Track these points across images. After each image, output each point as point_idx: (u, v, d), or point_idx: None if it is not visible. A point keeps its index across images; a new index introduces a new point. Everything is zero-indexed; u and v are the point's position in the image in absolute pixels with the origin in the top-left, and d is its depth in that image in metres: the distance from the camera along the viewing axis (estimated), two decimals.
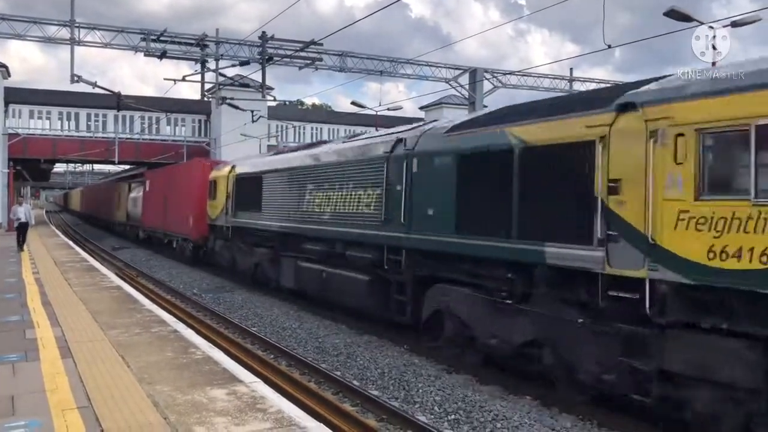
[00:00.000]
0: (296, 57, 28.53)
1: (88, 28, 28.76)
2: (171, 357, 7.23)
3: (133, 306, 10.89)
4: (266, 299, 17.60)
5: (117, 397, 5.69)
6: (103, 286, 13.32)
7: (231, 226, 20.72)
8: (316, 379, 9.95)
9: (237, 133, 38.21)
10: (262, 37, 25.88)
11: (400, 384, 9.65)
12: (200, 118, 50.52)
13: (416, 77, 36.45)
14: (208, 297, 18.36)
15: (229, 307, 16.87)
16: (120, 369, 6.68)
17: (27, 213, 22.96)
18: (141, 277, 23.02)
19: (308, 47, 25.47)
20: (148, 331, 8.76)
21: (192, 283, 21.29)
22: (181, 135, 49.60)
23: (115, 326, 8.97)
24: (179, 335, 8.49)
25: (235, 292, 19.02)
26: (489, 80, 34.33)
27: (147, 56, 27.77)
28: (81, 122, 48.38)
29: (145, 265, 26.80)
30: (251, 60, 26.44)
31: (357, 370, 10.52)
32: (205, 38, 27.33)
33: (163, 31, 27.41)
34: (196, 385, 6.09)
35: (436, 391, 9.17)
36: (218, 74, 26.64)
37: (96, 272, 16.26)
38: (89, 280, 14.34)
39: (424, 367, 10.51)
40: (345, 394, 9.19)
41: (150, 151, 46.96)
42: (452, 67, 36.38)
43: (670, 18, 16.14)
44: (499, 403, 8.58)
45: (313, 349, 12.11)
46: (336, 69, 32.18)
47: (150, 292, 18.48)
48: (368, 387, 9.57)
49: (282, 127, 50.95)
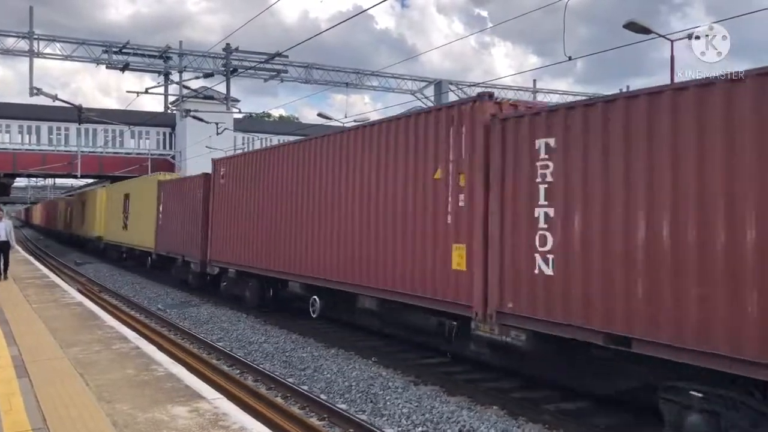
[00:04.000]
0: (261, 69, 28.43)
1: (47, 39, 28.32)
2: (132, 374, 7.07)
3: (94, 322, 10.64)
4: (233, 313, 17.38)
5: (74, 417, 5.54)
6: (63, 303, 13.01)
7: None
8: (283, 394, 9.84)
9: (202, 145, 37.90)
10: (227, 48, 25.74)
11: (367, 397, 9.59)
12: (165, 130, 50.03)
13: (382, 89, 36.66)
14: (173, 312, 18.09)
15: (195, 322, 16.64)
16: (79, 388, 6.51)
17: (7, 230, 17.52)
18: (105, 292, 22.58)
19: (273, 59, 25.39)
20: (108, 348, 8.56)
21: (157, 298, 20.96)
22: (146, 148, 49.02)
23: (75, 344, 8.75)
24: (141, 352, 8.32)
25: (201, 307, 18.76)
26: (454, 92, 34.57)
27: (109, 68, 27.43)
28: (42, 136, 47.56)
29: (109, 280, 26.33)
30: (215, 72, 26.27)
31: (324, 384, 10.43)
32: (169, 50, 27.10)
33: (126, 43, 27.11)
34: (157, 402, 5.96)
35: (404, 403, 9.13)
36: (182, 86, 26.39)
37: (57, 288, 15.88)
38: (49, 296, 13.99)
39: (392, 378, 10.46)
40: (312, 408, 9.10)
41: (113, 165, 46.33)
42: (418, 78, 36.61)
43: (629, 30, 16.46)
44: (466, 413, 8.56)
45: (280, 363, 11.98)
46: (301, 81, 32.16)
47: (113, 308, 18.13)
48: (336, 400, 9.49)
49: (248, 139, 50.68)
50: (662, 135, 6.77)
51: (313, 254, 13.34)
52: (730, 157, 6.20)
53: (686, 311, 6.48)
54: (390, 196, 11.00)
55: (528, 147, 8.33)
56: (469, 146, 9.29)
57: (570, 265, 7.70)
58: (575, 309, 7.57)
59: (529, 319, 8.19)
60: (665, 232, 6.70)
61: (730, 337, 6.09)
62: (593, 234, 7.44)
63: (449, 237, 9.53)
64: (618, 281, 7.12)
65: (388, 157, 11.15)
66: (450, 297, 9.47)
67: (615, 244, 7.19)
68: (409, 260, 10.37)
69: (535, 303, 8.10)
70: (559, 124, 7.96)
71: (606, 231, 7.30)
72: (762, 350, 5.88)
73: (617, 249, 7.17)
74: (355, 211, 11.95)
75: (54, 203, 65.38)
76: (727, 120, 6.25)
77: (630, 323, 6.97)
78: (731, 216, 6.17)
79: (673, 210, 6.65)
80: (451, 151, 9.61)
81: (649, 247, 6.85)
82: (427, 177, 10.12)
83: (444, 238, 9.62)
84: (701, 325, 6.31)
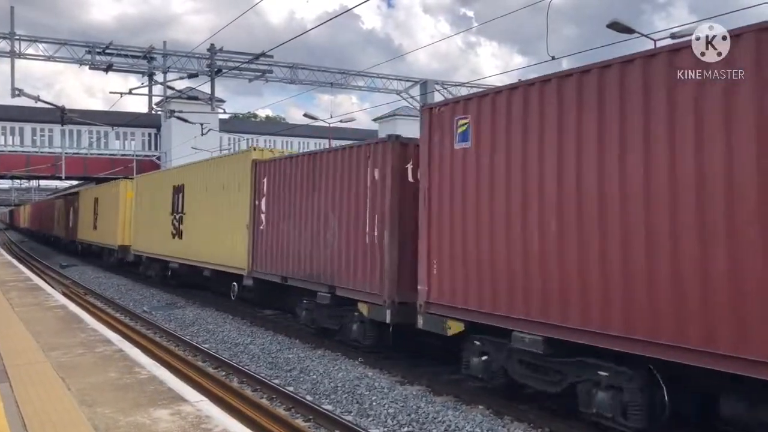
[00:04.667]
0: (246, 69, 28.30)
1: (29, 40, 28.03)
2: (114, 377, 7.00)
3: (77, 325, 10.54)
4: (218, 315, 17.31)
5: (55, 422, 5.47)
6: (47, 306, 12.87)
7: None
8: (269, 396, 9.80)
9: (189, 146, 37.73)
10: (211, 49, 25.59)
11: (353, 397, 9.58)
12: (150, 131, 49.78)
13: (367, 89, 36.57)
14: (158, 314, 17.98)
15: (180, 324, 16.55)
16: (60, 392, 6.43)
17: None
18: (90, 295, 22.42)
19: (258, 59, 25.28)
20: (92, 351, 8.47)
21: (142, 300, 20.84)
22: (131, 149, 48.72)
23: (58, 347, 8.65)
24: (124, 355, 8.24)
25: (186, 309, 18.67)
26: (440, 91, 34.60)
27: (92, 69, 27.19)
28: (26, 137, 47.17)
29: (95, 283, 26.15)
30: (200, 72, 26.10)
31: (310, 385, 10.41)
32: (153, 51, 26.90)
33: (109, 43, 26.86)
34: (139, 405, 5.90)
35: (390, 404, 9.12)
36: (166, 87, 26.24)
37: (41, 291, 15.71)
38: (32, 299, 13.84)
39: (378, 379, 10.45)
40: (297, 409, 9.08)
41: (98, 166, 46.01)
42: (403, 78, 36.60)
43: (613, 30, 16.56)
44: (452, 413, 8.57)
45: (266, 364, 11.94)
46: (286, 81, 32.03)
47: (98, 311, 18.01)
48: (321, 401, 9.47)
49: (235, 139, 50.53)
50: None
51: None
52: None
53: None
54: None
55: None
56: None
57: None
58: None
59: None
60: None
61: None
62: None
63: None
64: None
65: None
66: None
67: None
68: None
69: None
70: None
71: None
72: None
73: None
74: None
75: (50, 203, 53.71)
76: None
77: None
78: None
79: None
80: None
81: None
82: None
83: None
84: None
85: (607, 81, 7.20)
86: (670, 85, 6.56)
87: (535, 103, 8.04)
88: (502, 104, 8.55)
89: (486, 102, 8.83)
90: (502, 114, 8.53)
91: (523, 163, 8.14)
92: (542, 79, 8.06)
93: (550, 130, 7.80)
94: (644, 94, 6.79)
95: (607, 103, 7.16)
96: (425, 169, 9.89)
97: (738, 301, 5.96)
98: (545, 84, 7.96)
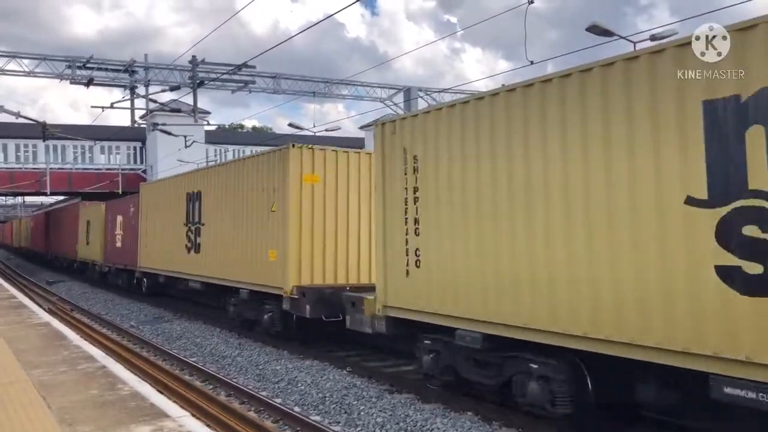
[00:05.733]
0: (228, 80, 28.23)
1: (8, 56, 27.85)
2: (96, 394, 6.90)
3: (60, 343, 10.41)
4: (206, 328, 17.19)
5: None
6: (30, 324, 12.72)
7: None
8: (256, 408, 9.71)
9: (174, 158, 37.55)
10: (193, 61, 25.50)
11: (341, 407, 9.50)
12: (135, 144, 49.52)
13: (352, 97, 36.60)
14: (145, 328, 17.82)
15: (167, 337, 16.41)
16: (40, 411, 6.33)
17: None
18: (76, 311, 22.21)
19: (240, 70, 25.23)
20: (74, 368, 8.36)
21: (129, 315, 20.67)
22: (116, 163, 48.43)
23: (39, 365, 8.53)
24: (107, 371, 8.13)
25: (174, 322, 18.53)
26: (423, 98, 34.64)
27: (73, 84, 27.03)
28: (9, 153, 46.80)
29: (82, 298, 25.93)
30: (182, 84, 25.99)
31: (298, 396, 10.32)
32: (134, 64, 26.77)
33: (90, 57, 26.73)
34: (120, 423, 5.82)
35: (378, 413, 9.05)
36: (148, 100, 26.07)
37: (24, 309, 15.55)
38: (16, 317, 13.68)
39: (366, 388, 10.38)
40: (285, 421, 8.98)
41: (83, 181, 45.68)
42: (387, 86, 36.63)
43: (592, 33, 16.65)
44: (440, 420, 8.51)
45: (253, 376, 11.84)
46: (270, 91, 31.99)
47: (84, 327, 17.84)
48: (309, 413, 9.39)
49: (220, 151, 50.40)
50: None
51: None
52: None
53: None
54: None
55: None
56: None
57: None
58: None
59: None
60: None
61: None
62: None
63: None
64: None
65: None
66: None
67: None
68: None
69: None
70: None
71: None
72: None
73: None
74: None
75: (57, 215, 42.75)
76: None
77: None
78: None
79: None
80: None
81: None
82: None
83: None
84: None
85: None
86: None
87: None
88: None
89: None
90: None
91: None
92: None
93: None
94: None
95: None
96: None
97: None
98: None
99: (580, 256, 7.09)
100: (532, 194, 7.68)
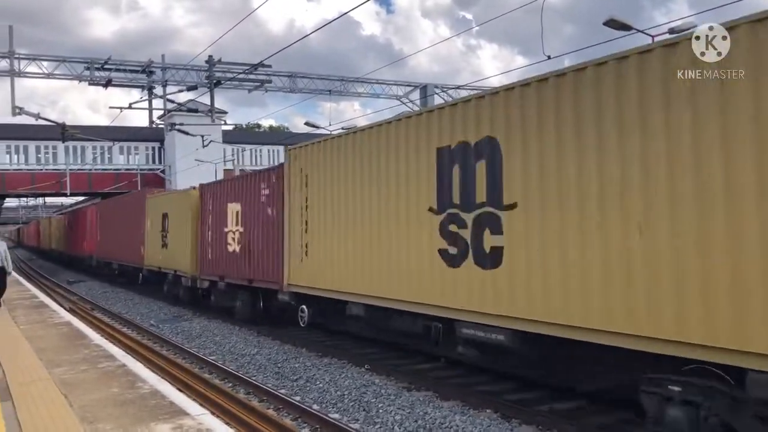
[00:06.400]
0: (245, 80, 28.30)
1: (28, 59, 28.13)
2: (116, 393, 6.96)
3: (81, 342, 10.52)
4: (225, 326, 17.27)
5: None
6: (51, 323, 12.87)
7: None
8: (275, 406, 9.74)
9: (193, 158, 37.79)
10: (209, 60, 25.61)
11: (360, 405, 9.50)
12: (153, 145, 49.79)
13: (368, 95, 36.50)
14: (165, 327, 17.94)
15: (187, 336, 16.51)
16: (62, 409, 6.39)
17: (2, 255, 15.20)
18: (96, 310, 22.42)
19: (256, 69, 25.28)
20: (95, 367, 8.45)
21: (149, 314, 20.81)
22: (135, 163, 48.80)
23: (61, 364, 8.63)
24: (127, 369, 8.20)
25: (193, 321, 18.64)
26: (439, 95, 34.50)
27: (92, 85, 27.26)
28: (30, 155, 47.24)
29: (102, 298, 26.14)
30: (199, 84, 26.11)
31: (317, 394, 10.34)
32: (151, 64, 26.93)
33: (108, 58, 26.94)
34: (140, 421, 5.86)
35: (396, 410, 9.04)
36: (166, 100, 26.22)
37: (45, 308, 15.73)
38: (37, 317, 13.84)
39: (385, 386, 10.38)
40: (304, 419, 9.01)
41: (102, 182, 46.10)
42: (403, 84, 36.52)
43: (609, 27, 16.46)
44: (459, 418, 8.48)
45: (272, 374, 11.88)
46: (286, 90, 32.02)
47: (105, 326, 18.00)
48: (328, 410, 9.40)
49: (238, 150, 50.59)
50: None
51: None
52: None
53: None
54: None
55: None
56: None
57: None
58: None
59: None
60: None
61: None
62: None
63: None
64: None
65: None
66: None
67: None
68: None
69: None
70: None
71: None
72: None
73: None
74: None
75: (108, 208, 33.24)
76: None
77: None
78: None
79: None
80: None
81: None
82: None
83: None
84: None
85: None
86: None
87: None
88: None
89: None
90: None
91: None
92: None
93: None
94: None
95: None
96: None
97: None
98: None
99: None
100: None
